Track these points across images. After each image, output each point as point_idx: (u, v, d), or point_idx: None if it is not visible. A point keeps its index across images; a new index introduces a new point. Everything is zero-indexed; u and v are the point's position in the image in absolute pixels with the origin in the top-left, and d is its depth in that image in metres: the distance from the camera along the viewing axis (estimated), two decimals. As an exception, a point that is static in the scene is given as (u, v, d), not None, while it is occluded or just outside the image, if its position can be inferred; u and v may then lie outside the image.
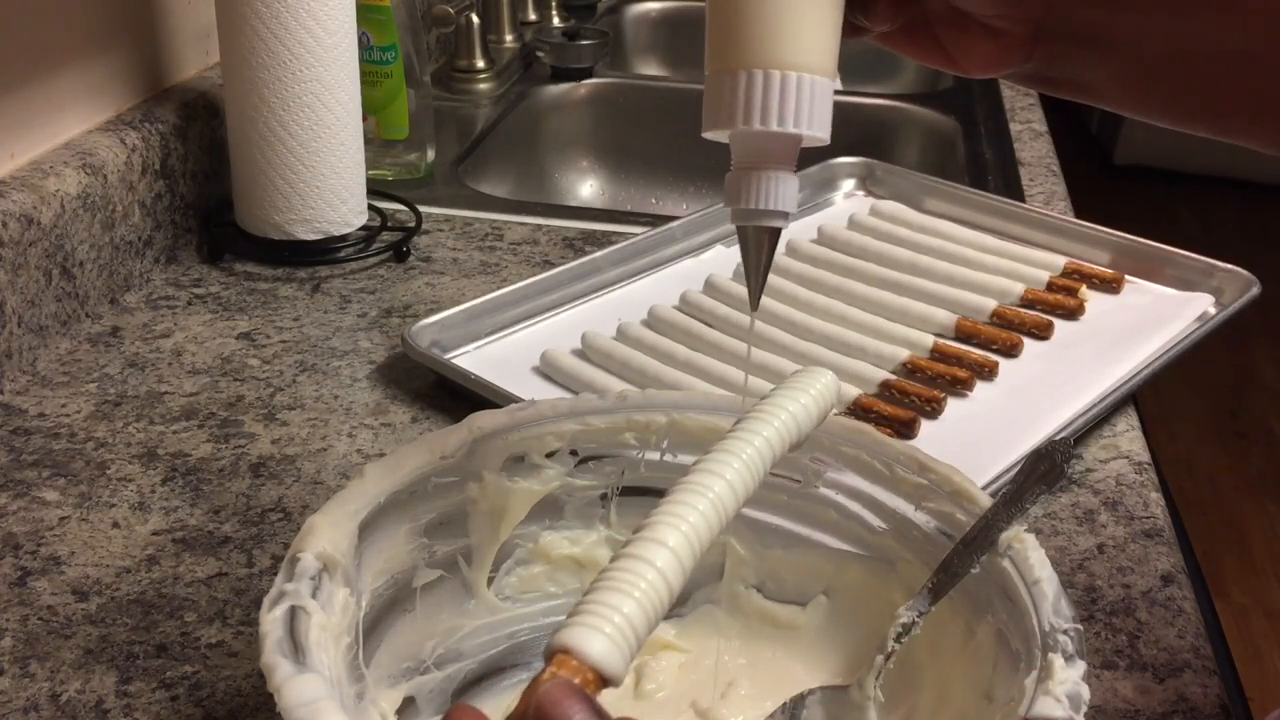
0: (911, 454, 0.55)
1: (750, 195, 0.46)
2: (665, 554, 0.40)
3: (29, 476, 0.70)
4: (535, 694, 0.34)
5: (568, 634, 0.36)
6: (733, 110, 0.45)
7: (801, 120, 0.44)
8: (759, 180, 0.45)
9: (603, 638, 0.36)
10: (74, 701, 0.55)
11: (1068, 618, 0.45)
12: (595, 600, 0.38)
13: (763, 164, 0.46)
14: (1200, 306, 0.89)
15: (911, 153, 1.33)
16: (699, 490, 0.43)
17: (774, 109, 0.44)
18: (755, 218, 0.46)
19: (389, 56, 1.05)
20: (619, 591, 0.38)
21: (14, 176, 0.81)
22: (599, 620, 0.37)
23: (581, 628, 0.36)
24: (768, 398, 0.49)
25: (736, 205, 0.46)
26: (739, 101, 0.44)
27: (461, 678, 0.56)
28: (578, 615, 0.37)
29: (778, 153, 0.45)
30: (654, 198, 1.41)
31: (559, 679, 0.34)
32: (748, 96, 0.44)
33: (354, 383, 0.80)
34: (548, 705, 0.33)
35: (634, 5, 1.69)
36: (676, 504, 0.42)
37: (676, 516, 0.41)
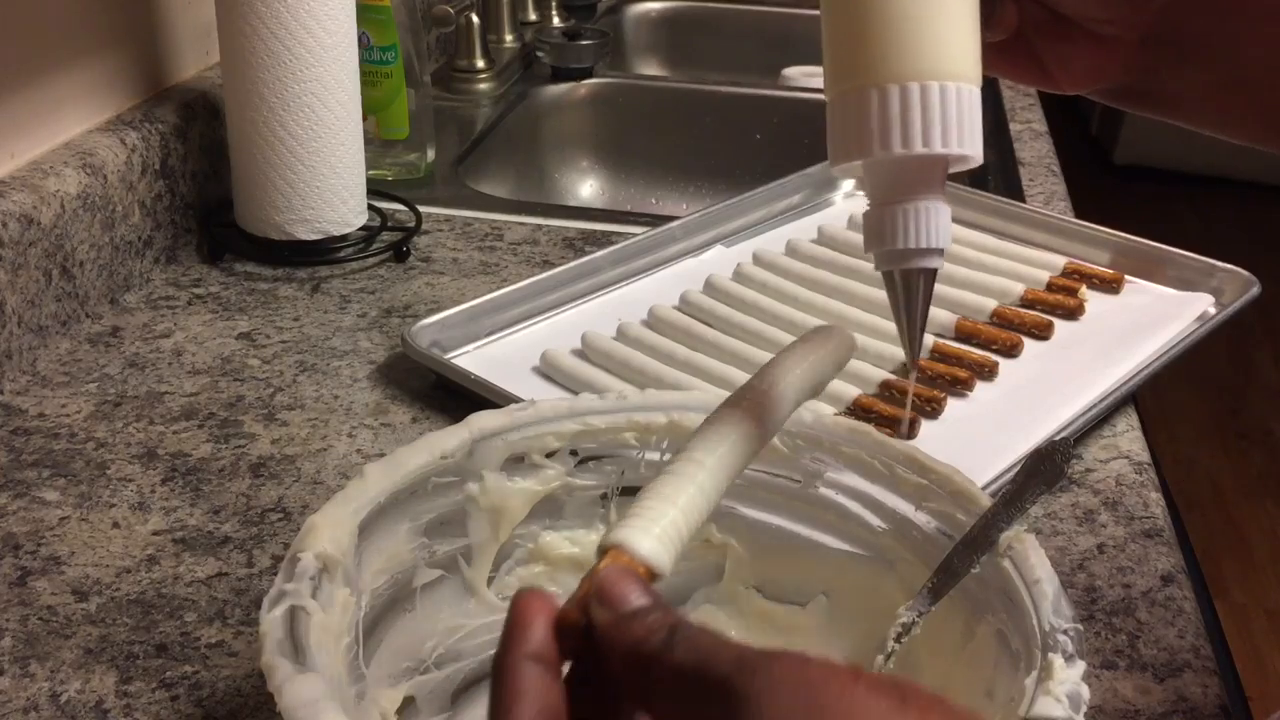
0: (911, 454, 0.55)
1: (902, 234, 0.40)
2: (704, 473, 0.42)
3: (29, 476, 0.70)
4: (594, 578, 0.37)
5: (620, 532, 0.39)
6: (873, 134, 0.39)
7: (953, 138, 0.38)
8: (910, 215, 0.40)
9: (651, 537, 0.39)
10: (74, 701, 0.55)
11: (1068, 618, 0.45)
12: (643, 507, 0.41)
13: (911, 194, 0.40)
14: (1200, 306, 0.89)
15: (911, 153, 1.33)
16: (733, 423, 0.45)
17: (922, 127, 0.38)
18: (909, 259, 0.40)
19: (389, 56, 1.05)
20: (665, 499, 0.41)
21: (14, 176, 0.81)
22: (648, 522, 0.40)
23: (632, 528, 0.39)
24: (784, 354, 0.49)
25: (883, 247, 0.40)
26: (880, 122, 0.38)
27: (461, 678, 0.56)
28: (628, 519, 0.40)
29: (927, 179, 0.40)
30: (654, 198, 1.41)
31: (615, 565, 0.38)
32: (890, 115, 0.38)
33: (354, 383, 0.80)
34: (607, 585, 0.36)
35: (634, 5, 1.69)
36: (712, 434, 0.44)
37: (713, 443, 0.44)
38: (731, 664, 0.32)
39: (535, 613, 0.36)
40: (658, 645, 0.34)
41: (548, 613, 0.36)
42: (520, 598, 0.37)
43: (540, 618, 0.36)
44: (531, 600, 0.36)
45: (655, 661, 0.34)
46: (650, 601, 0.36)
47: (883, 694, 0.31)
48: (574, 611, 0.36)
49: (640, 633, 0.34)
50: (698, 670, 0.32)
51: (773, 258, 0.94)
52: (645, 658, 0.34)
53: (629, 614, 0.35)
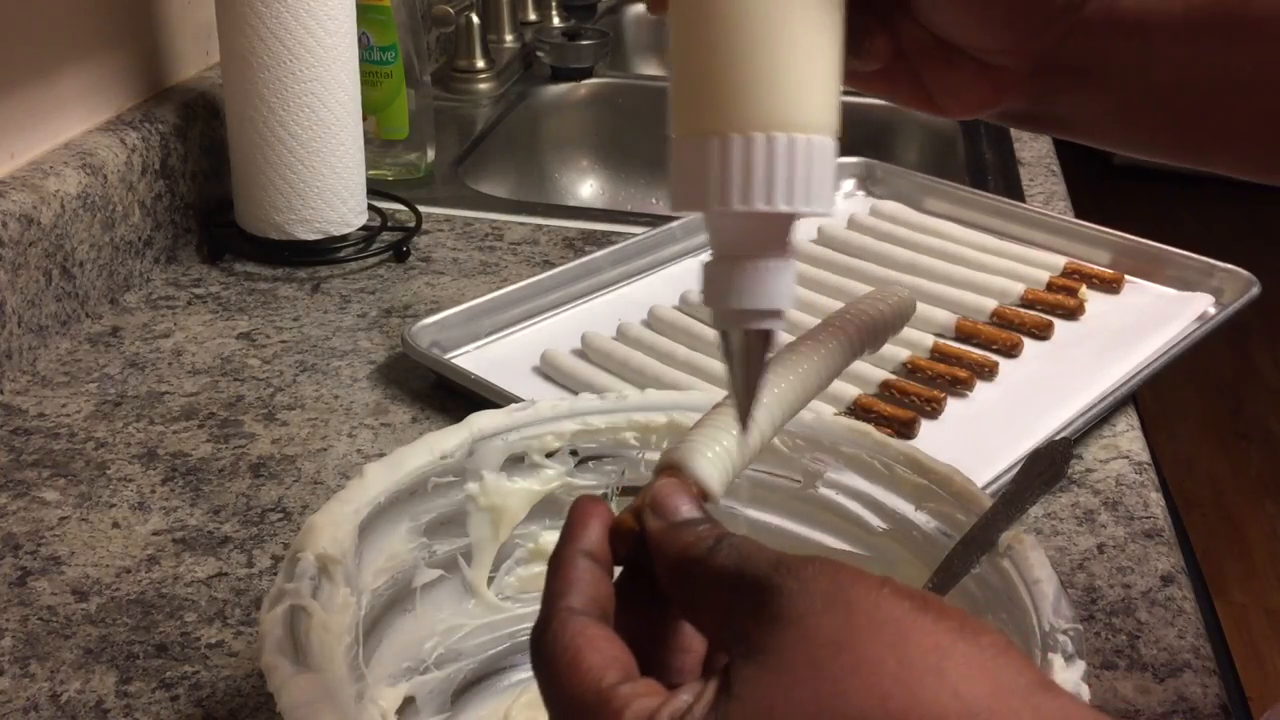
0: (911, 454, 0.55)
1: (738, 293, 0.36)
2: (760, 408, 0.42)
3: (29, 476, 0.70)
4: (650, 489, 0.39)
5: (677, 453, 0.41)
6: (712, 186, 0.35)
7: (799, 195, 0.35)
8: (749, 274, 0.36)
9: (706, 459, 0.41)
10: (74, 701, 0.55)
11: (1068, 618, 0.45)
12: (700, 433, 0.42)
13: (752, 252, 0.36)
14: (1200, 306, 0.89)
15: (911, 153, 1.33)
16: (790, 365, 0.46)
17: (765, 183, 0.34)
18: (745, 320, 0.37)
19: (389, 56, 1.05)
20: (720, 428, 0.42)
21: (14, 176, 0.81)
22: (704, 446, 0.41)
23: (689, 450, 0.41)
24: (849, 306, 0.51)
25: (719, 305, 0.37)
26: (720, 174, 0.34)
27: (461, 678, 0.56)
28: (686, 441, 0.41)
29: (770, 236, 0.36)
30: (654, 198, 1.41)
31: (670, 480, 0.40)
32: (731, 168, 0.34)
33: (354, 383, 0.80)
34: (662, 496, 0.38)
35: (634, 5, 1.69)
36: (771, 373, 0.44)
37: (770, 382, 0.44)
38: (769, 564, 0.34)
39: (592, 515, 0.38)
40: (703, 551, 0.36)
41: (604, 516, 0.39)
42: (580, 501, 0.39)
43: (597, 520, 0.38)
44: (590, 504, 0.39)
45: (698, 565, 0.35)
46: (701, 514, 0.38)
47: (905, 596, 0.32)
48: (629, 518, 0.38)
49: (689, 538, 0.36)
50: (738, 571, 0.34)
51: (773, 258, 0.94)
52: (690, 562, 0.36)
53: (680, 522, 0.37)
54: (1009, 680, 0.31)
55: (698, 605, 0.36)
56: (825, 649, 0.31)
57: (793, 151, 0.34)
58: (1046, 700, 0.31)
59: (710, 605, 0.35)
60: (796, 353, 0.46)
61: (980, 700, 0.30)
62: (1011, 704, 0.30)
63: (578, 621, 0.35)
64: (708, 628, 0.36)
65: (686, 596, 0.36)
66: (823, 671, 0.31)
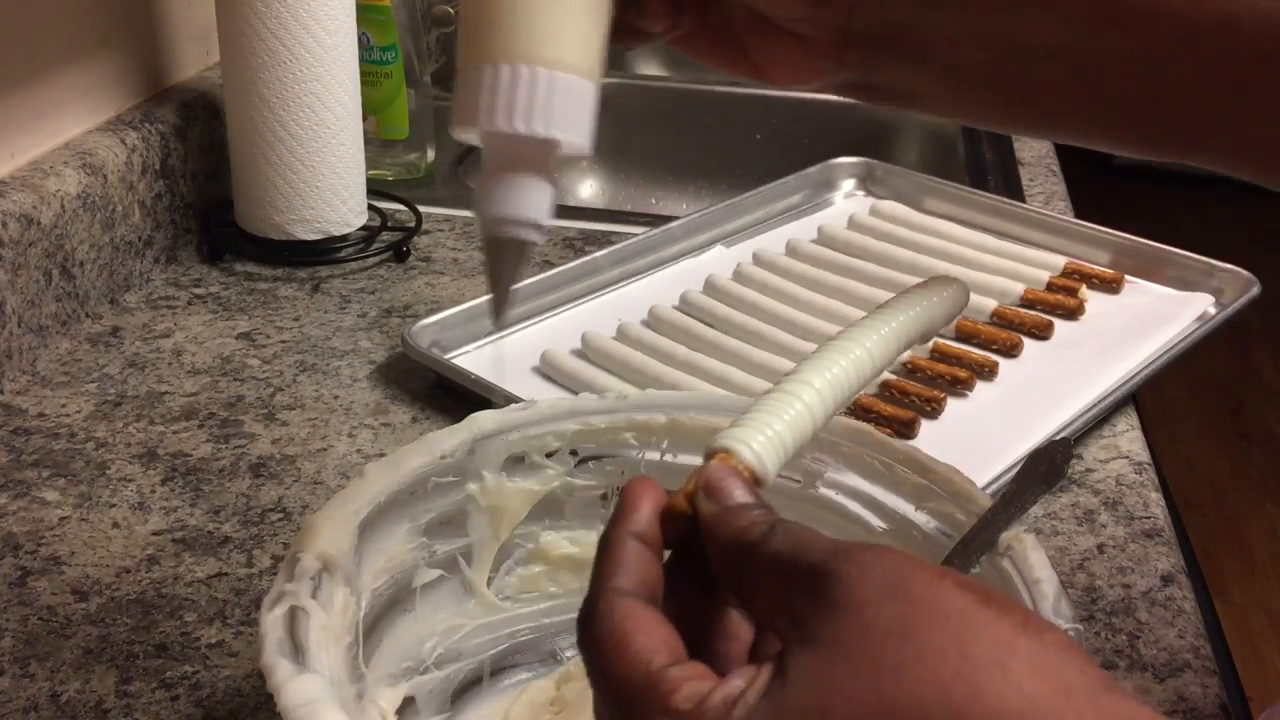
0: (911, 454, 0.55)
1: (498, 202, 0.41)
2: (811, 391, 0.43)
3: (29, 476, 0.70)
4: (703, 473, 0.39)
5: (728, 438, 0.41)
6: (479, 108, 0.40)
7: (553, 123, 0.40)
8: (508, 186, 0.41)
9: (757, 444, 0.41)
10: (74, 701, 0.55)
11: (1068, 618, 0.45)
12: (752, 417, 0.42)
13: (515, 167, 0.41)
14: (1200, 306, 0.89)
15: (911, 153, 1.33)
16: (842, 350, 0.46)
17: (522, 108, 0.40)
18: (503, 227, 0.42)
19: (389, 56, 1.05)
20: (772, 413, 0.42)
21: (14, 176, 0.81)
22: (754, 430, 0.41)
23: (740, 435, 0.41)
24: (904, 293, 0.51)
25: (482, 212, 0.42)
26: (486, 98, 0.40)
27: (461, 678, 0.56)
28: (736, 426, 0.41)
29: (531, 157, 0.41)
30: (654, 198, 1.41)
31: (722, 464, 0.39)
32: (495, 93, 0.40)
33: (354, 383, 0.80)
34: (715, 480, 0.38)
35: (634, 5, 1.69)
36: (822, 358, 0.45)
37: (823, 366, 0.45)
38: (826, 551, 0.33)
39: (643, 497, 0.38)
40: (757, 536, 0.35)
41: (655, 498, 0.38)
42: (631, 482, 0.38)
43: (648, 502, 0.38)
44: (641, 486, 0.38)
45: (752, 550, 0.35)
46: (754, 499, 0.38)
47: (966, 589, 0.32)
48: (681, 501, 0.38)
49: (744, 522, 0.36)
50: (793, 557, 0.34)
51: (773, 258, 0.94)
52: (744, 547, 0.35)
53: (734, 507, 0.37)
54: (1072, 678, 0.30)
55: (751, 590, 0.35)
56: (886, 638, 0.31)
57: (535, 82, 0.40)
58: (1111, 700, 0.30)
59: (764, 591, 0.35)
60: (849, 338, 0.47)
61: (1043, 698, 0.30)
62: (1075, 703, 0.30)
63: (626, 603, 0.35)
64: (761, 613, 0.36)
65: (739, 582, 0.36)
66: (883, 661, 0.31)
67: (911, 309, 0.50)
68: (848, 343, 0.46)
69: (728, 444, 0.40)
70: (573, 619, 0.60)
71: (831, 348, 0.46)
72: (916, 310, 0.50)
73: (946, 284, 0.52)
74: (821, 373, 0.44)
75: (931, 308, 0.51)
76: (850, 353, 0.46)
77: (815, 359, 0.46)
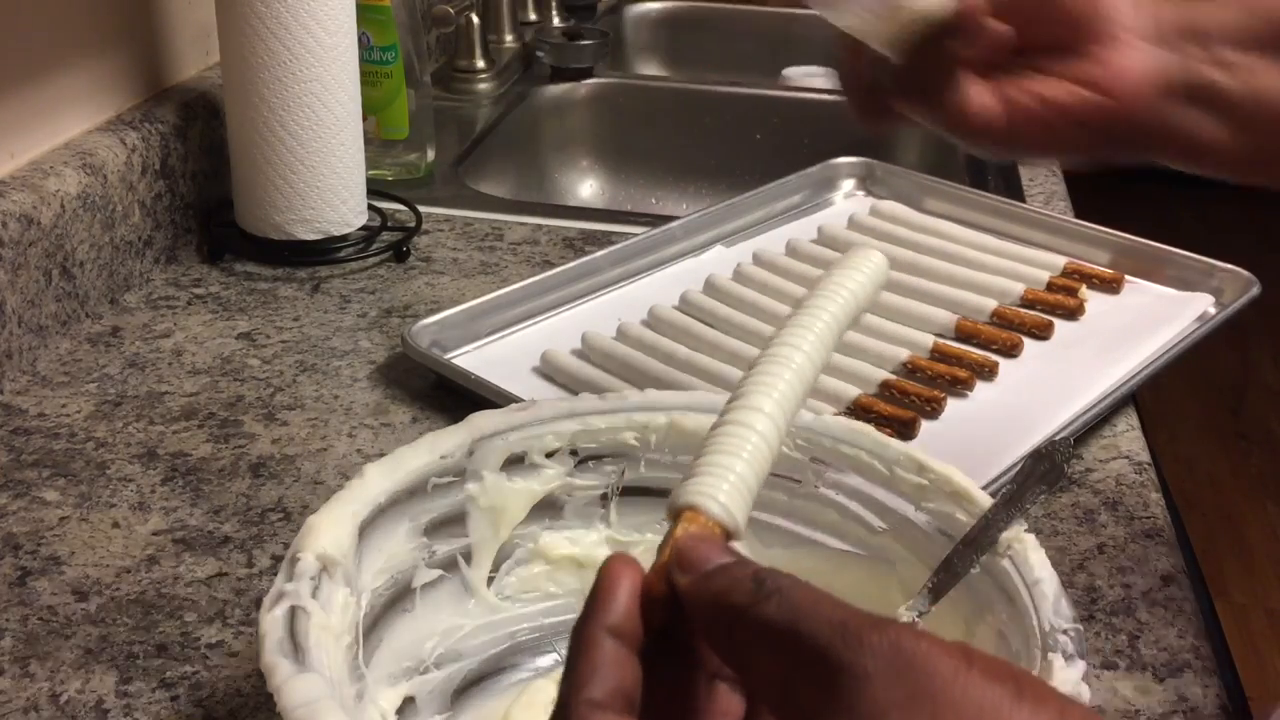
0: (911, 454, 0.55)
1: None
2: (763, 419, 0.41)
3: (29, 476, 0.70)
4: (673, 545, 0.36)
5: (691, 494, 0.38)
6: None
7: None
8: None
9: (723, 495, 0.38)
10: (74, 701, 0.55)
11: (1068, 618, 0.45)
12: (710, 462, 0.40)
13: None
14: (1200, 306, 0.89)
15: (911, 153, 1.33)
16: (782, 361, 0.44)
17: None
18: None
19: (389, 56, 1.05)
20: (729, 453, 0.40)
21: (14, 176, 0.81)
22: (717, 479, 0.39)
23: (701, 489, 0.39)
24: (825, 279, 0.49)
25: None
26: None
27: (461, 678, 0.56)
28: (696, 477, 0.39)
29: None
30: (654, 198, 1.41)
31: (691, 531, 0.37)
32: None
33: (354, 383, 0.80)
34: (686, 549, 0.35)
35: (634, 5, 1.69)
36: (765, 374, 0.43)
37: (768, 385, 0.43)
38: (831, 631, 0.30)
39: (619, 582, 0.35)
40: (745, 597, 0.33)
41: (632, 582, 0.35)
42: (607, 565, 0.35)
43: (624, 587, 0.35)
44: (617, 568, 0.35)
45: (744, 616, 0.32)
46: (730, 557, 0.35)
47: (997, 681, 0.29)
48: (656, 581, 0.35)
49: (723, 584, 0.33)
50: (794, 633, 0.31)
51: (773, 258, 0.94)
52: (732, 611, 0.33)
53: (712, 572, 0.34)
54: None
55: (747, 665, 0.33)
56: None
57: None
58: None
59: (762, 667, 0.32)
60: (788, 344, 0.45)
61: None
62: None
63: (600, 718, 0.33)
64: (760, 693, 0.34)
65: (734, 655, 0.34)
66: None
67: (838, 297, 0.48)
68: (787, 350, 0.44)
69: (692, 500, 0.38)
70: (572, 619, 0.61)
71: (772, 360, 0.44)
72: (844, 298, 0.48)
73: (866, 259, 0.51)
74: (768, 393, 0.42)
75: (859, 291, 0.49)
76: (791, 362, 0.44)
77: (758, 376, 0.43)
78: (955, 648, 0.30)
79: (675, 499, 0.39)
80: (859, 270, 0.50)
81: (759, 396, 0.42)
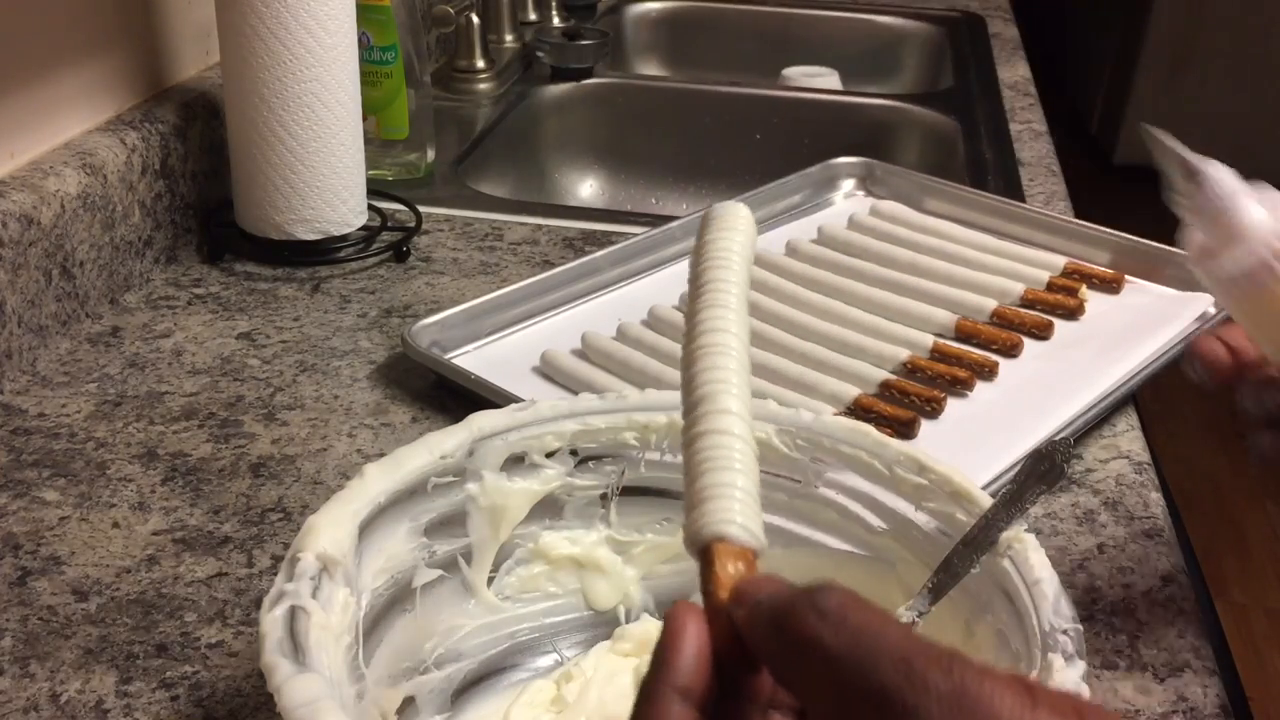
0: (911, 454, 0.55)
1: None
2: (734, 419, 0.40)
3: (29, 476, 0.70)
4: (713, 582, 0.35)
5: (712, 525, 0.37)
6: None
7: None
8: None
9: (739, 515, 0.38)
10: (74, 701, 0.55)
11: (1068, 618, 0.45)
12: (711, 485, 0.38)
13: None
14: (1200, 306, 0.89)
15: (911, 153, 1.33)
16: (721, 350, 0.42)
17: None
18: None
19: (389, 56, 1.05)
20: (723, 468, 0.39)
21: (14, 176, 0.81)
22: (726, 502, 0.38)
23: (718, 514, 0.38)
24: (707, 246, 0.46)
25: None
26: None
27: (461, 678, 0.56)
28: (705, 503, 0.38)
29: None
30: (654, 198, 1.41)
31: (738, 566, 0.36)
32: None
33: (354, 383, 0.80)
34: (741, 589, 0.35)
35: (634, 5, 1.69)
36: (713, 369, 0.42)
37: (722, 381, 0.41)
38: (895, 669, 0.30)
39: (686, 638, 0.34)
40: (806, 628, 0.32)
41: (699, 638, 0.34)
42: (673, 618, 0.34)
43: (691, 643, 0.34)
44: (683, 621, 0.34)
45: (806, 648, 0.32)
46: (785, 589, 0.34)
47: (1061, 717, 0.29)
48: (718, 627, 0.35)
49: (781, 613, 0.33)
50: (856, 665, 0.31)
51: (773, 258, 0.94)
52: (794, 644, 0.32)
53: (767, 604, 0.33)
54: None
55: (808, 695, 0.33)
56: None
57: None
58: None
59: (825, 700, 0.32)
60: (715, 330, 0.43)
61: None
62: None
63: None
64: None
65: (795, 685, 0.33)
66: None
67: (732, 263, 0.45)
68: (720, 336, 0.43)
69: (718, 532, 0.37)
70: (572, 619, 0.61)
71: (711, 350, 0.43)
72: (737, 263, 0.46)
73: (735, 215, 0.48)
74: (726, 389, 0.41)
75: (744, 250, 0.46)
76: (730, 349, 0.43)
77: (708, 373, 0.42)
78: (1019, 685, 0.29)
79: (696, 533, 0.38)
80: (735, 230, 0.47)
81: (722, 397, 0.41)
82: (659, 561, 0.60)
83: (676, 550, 0.60)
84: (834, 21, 1.66)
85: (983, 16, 1.67)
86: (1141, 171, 0.84)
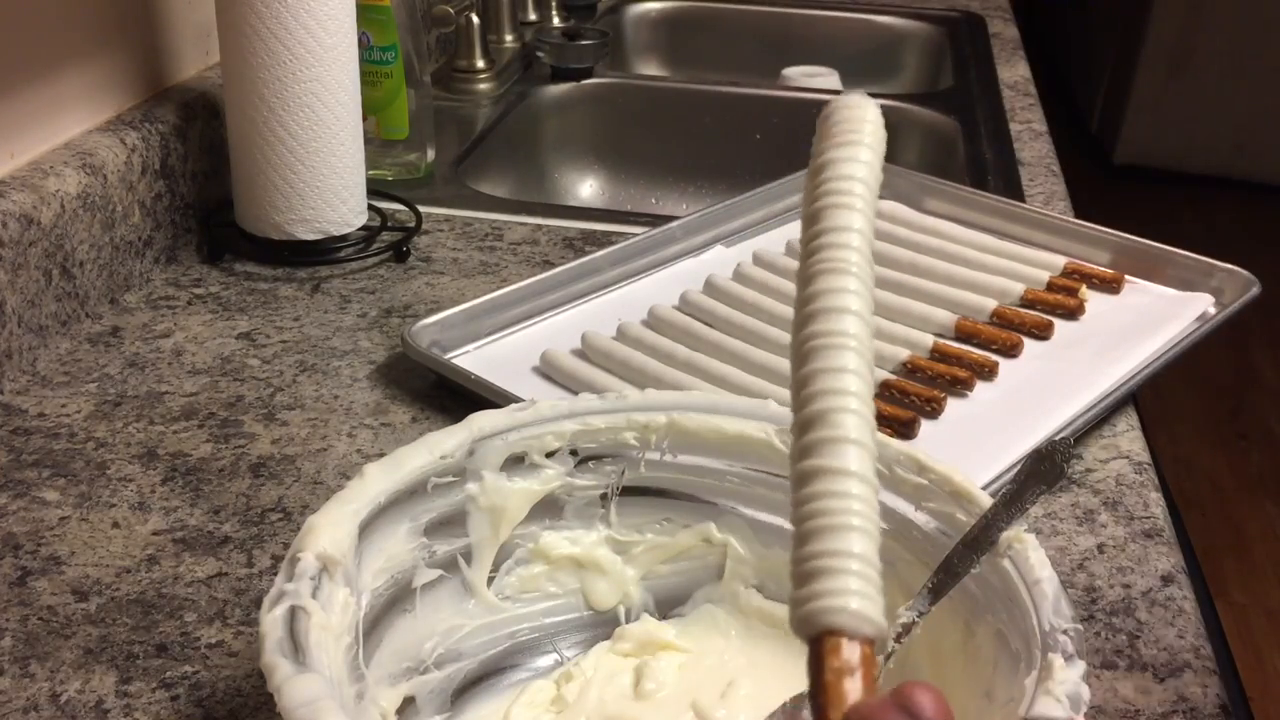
0: (911, 454, 0.55)
1: None
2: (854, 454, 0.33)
3: (29, 476, 0.70)
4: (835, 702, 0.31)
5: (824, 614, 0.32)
6: None
7: None
8: None
9: (857, 601, 0.32)
10: (74, 701, 0.55)
11: (1068, 618, 0.45)
12: (822, 551, 0.32)
13: None
14: (1200, 306, 0.89)
15: (911, 153, 1.33)
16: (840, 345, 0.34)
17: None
18: None
19: (389, 56, 1.05)
20: (840, 530, 0.32)
21: (14, 176, 0.81)
22: (843, 579, 0.32)
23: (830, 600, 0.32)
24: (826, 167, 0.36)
25: None
26: None
27: (461, 678, 0.56)
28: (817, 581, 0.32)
29: None
30: (654, 198, 1.41)
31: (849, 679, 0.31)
32: None
33: (354, 383, 0.80)
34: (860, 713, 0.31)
35: (634, 5, 1.69)
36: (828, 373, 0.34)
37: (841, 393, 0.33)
38: None
39: None
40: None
41: None
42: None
43: None
44: None
45: None
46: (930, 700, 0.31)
47: None
48: None
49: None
50: None
51: (773, 258, 0.94)
52: None
53: None
54: None
55: None
56: None
57: None
58: None
59: None
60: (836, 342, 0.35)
61: None
62: None
63: None
64: None
65: None
66: None
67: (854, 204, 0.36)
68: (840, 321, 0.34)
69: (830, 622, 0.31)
70: (572, 619, 0.61)
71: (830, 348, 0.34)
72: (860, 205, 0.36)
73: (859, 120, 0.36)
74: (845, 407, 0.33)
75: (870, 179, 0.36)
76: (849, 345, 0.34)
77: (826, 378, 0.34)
78: None
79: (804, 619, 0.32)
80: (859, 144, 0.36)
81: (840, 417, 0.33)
82: (659, 561, 0.60)
83: (676, 550, 0.60)
84: (834, 21, 1.66)
85: (983, 16, 1.67)
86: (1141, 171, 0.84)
